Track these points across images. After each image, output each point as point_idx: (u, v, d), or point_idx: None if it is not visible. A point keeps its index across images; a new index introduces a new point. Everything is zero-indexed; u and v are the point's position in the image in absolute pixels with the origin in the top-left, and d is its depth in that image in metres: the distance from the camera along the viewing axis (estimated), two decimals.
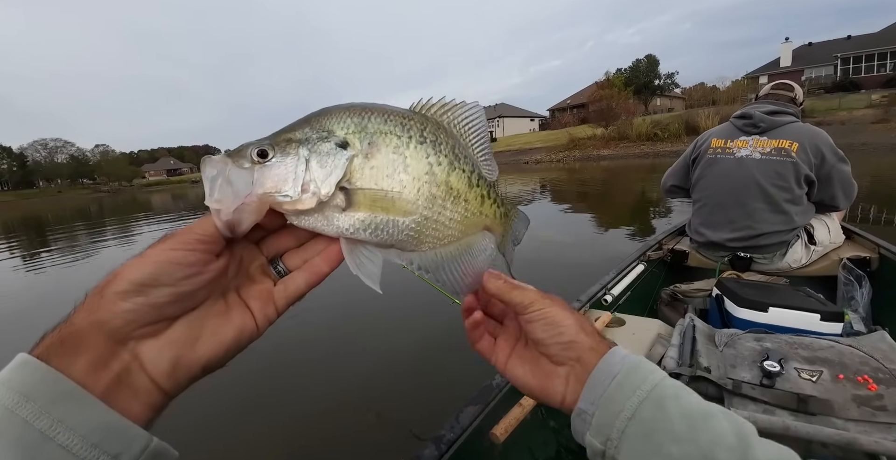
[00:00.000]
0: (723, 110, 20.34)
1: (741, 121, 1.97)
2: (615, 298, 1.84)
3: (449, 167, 0.39)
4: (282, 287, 0.38)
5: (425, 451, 0.96)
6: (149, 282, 0.30)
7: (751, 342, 1.20)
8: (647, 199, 8.73)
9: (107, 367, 0.29)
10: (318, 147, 0.35)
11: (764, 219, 1.87)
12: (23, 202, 50.23)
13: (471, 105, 0.42)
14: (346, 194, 0.36)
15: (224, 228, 0.33)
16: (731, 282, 1.60)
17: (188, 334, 0.32)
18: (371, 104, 0.38)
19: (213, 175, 0.33)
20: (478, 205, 0.41)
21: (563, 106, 50.43)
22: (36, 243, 10.65)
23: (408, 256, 0.39)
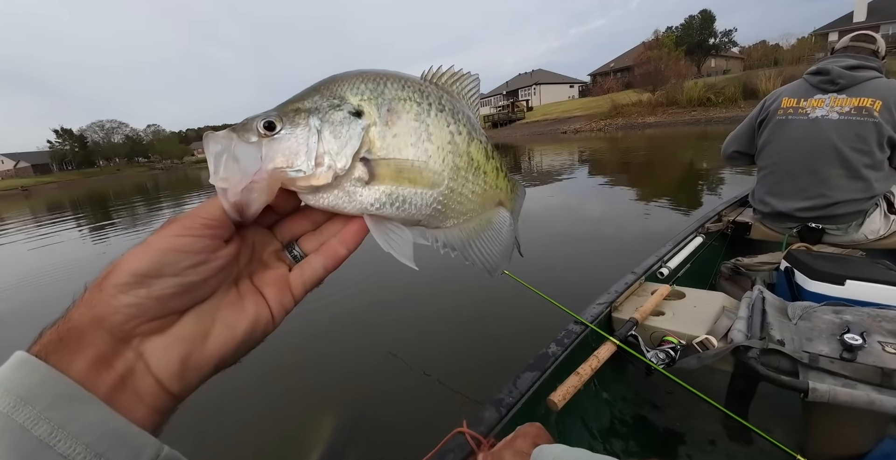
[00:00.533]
0: (786, 71, 18.48)
1: (817, 78, 1.78)
2: (672, 271, 1.78)
3: (468, 137, 0.37)
4: (298, 272, 0.35)
5: (485, 414, 0.99)
6: (151, 273, 0.27)
7: (829, 315, 1.14)
8: (695, 171, 8.23)
9: (109, 367, 0.26)
10: (329, 116, 0.32)
11: (840, 186, 1.72)
12: (87, 180, 54.16)
13: (474, 76, 0.40)
14: (368, 166, 0.33)
15: (232, 210, 0.30)
16: (802, 253, 1.51)
17: (198, 329, 0.29)
18: (383, 70, 0.35)
19: (218, 151, 0.30)
20: (494, 178, 0.40)
21: (606, 70, 47.64)
22: (100, 217, 11.54)
23: (433, 234, 0.37)
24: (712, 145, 12.12)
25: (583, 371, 1.12)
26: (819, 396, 0.94)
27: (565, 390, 1.05)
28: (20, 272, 5.57)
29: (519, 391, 1.06)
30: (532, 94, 52.64)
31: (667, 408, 1.42)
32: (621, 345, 1.23)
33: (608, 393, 1.43)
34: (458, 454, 0.88)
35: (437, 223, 0.37)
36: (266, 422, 1.99)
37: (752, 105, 2.03)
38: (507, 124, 38.14)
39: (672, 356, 1.19)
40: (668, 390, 1.45)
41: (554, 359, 1.18)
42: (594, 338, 1.32)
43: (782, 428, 1.25)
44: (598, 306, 1.44)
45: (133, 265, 0.27)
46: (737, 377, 1.14)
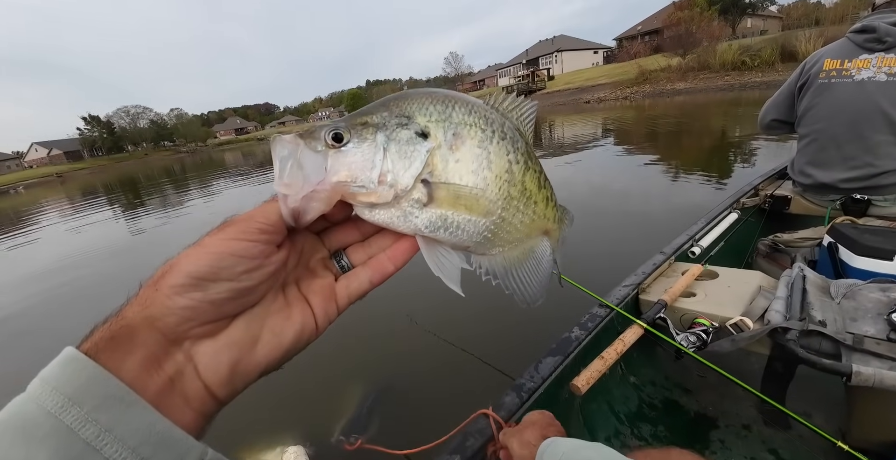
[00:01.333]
0: (828, 31, 17.06)
1: (862, 37, 1.62)
2: (704, 250, 1.71)
3: (525, 166, 0.37)
4: (344, 283, 0.35)
5: (506, 399, 0.98)
6: (208, 276, 0.27)
7: (875, 293, 1.07)
8: (728, 141, 7.81)
9: (160, 369, 0.26)
10: (397, 134, 0.32)
11: (888, 153, 1.60)
12: (117, 165, 55.97)
13: (533, 103, 0.40)
14: (429, 188, 0.33)
15: (289, 216, 0.30)
16: (847, 227, 1.41)
17: (248, 335, 0.30)
18: (453, 92, 0.35)
19: (285, 155, 0.30)
20: (543, 208, 0.40)
21: (633, 33, 45.09)
22: (132, 199, 12.00)
23: (477, 260, 0.37)
24: (747, 112, 11.48)
25: (607, 355, 1.09)
26: (863, 380, 0.90)
27: (589, 375, 1.03)
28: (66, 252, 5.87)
29: (541, 376, 1.05)
30: (553, 61, 50.55)
31: (698, 393, 1.39)
32: (648, 328, 1.19)
33: (636, 377, 1.40)
34: (480, 438, 0.89)
35: (484, 250, 0.37)
36: (296, 390, 2.08)
37: (790, 69, 1.87)
38: (527, 95, 35.54)
39: (704, 339, 1.15)
40: (700, 374, 1.41)
41: (577, 344, 1.16)
42: (620, 322, 1.29)
43: (822, 414, 1.20)
44: (625, 288, 1.40)
45: (190, 267, 0.27)
46: (774, 360, 1.10)
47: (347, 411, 1.85)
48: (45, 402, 0.22)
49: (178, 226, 6.86)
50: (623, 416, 1.29)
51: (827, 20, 22.25)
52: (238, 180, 12.92)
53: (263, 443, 1.75)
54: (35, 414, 0.22)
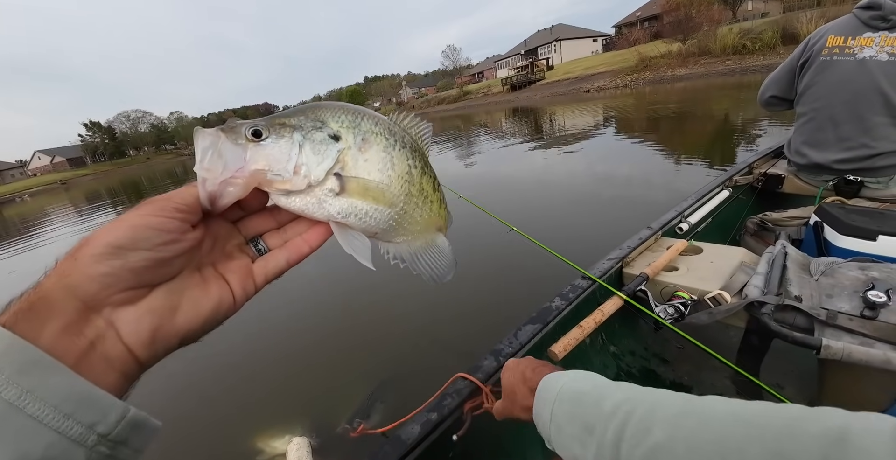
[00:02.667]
0: (829, 12, 16.70)
1: (867, 13, 1.58)
2: (692, 226, 1.72)
3: (422, 171, 0.43)
4: (262, 264, 0.38)
5: (485, 362, 1.02)
6: (126, 245, 0.29)
7: (854, 271, 1.08)
8: (731, 126, 7.73)
9: (80, 334, 0.27)
10: (311, 135, 0.37)
11: (884, 135, 1.57)
12: (120, 170, 56.41)
13: (427, 124, 0.47)
14: (341, 180, 0.38)
15: (206, 198, 0.33)
16: (834, 207, 1.41)
17: (167, 303, 0.31)
18: (360, 107, 0.41)
19: (206, 146, 0.34)
20: (438, 207, 0.46)
21: (632, 20, 44.58)
22: None
23: (385, 246, 0.43)
24: (749, 96, 11.35)
25: (586, 324, 1.12)
26: (832, 354, 0.91)
27: (566, 342, 1.06)
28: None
29: (519, 342, 1.08)
30: (552, 51, 50.09)
31: (676, 363, 1.42)
32: (628, 300, 1.22)
33: (616, 347, 1.44)
34: (457, 398, 0.93)
35: (390, 238, 0.43)
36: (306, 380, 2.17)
37: (791, 51, 1.84)
38: (527, 86, 36.66)
39: (682, 311, 1.18)
40: (679, 346, 1.45)
41: (557, 313, 1.19)
42: (602, 294, 1.32)
43: (794, 386, 1.23)
44: (609, 261, 1.43)
45: (109, 238, 0.29)
46: (750, 333, 1.12)
47: (354, 401, 1.90)
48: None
49: None
50: None
51: (828, 1, 21.80)
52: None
53: (274, 430, 1.82)
54: None
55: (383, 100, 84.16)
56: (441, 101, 48.74)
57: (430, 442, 0.86)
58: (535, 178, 5.71)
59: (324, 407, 1.96)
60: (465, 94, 47.00)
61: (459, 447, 0.91)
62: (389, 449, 0.83)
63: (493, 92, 42.18)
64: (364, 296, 2.97)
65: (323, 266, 3.36)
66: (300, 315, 2.87)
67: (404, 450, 0.82)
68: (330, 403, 1.97)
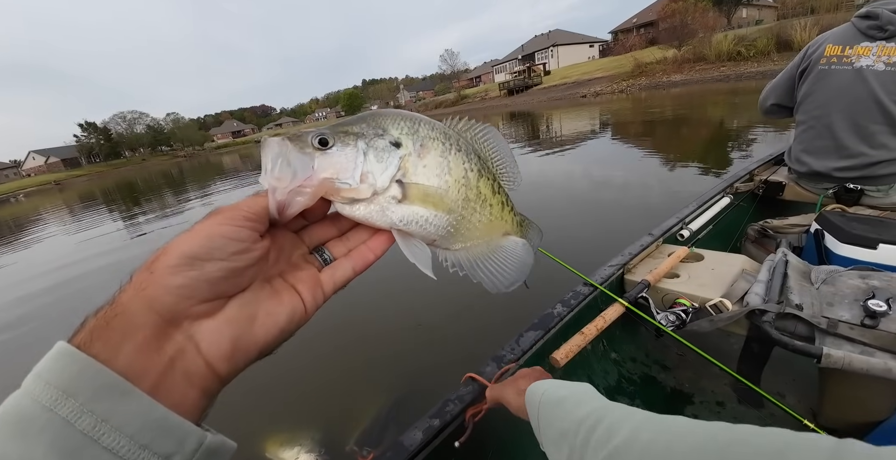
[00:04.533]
0: (823, 20, 16.98)
1: (865, 23, 1.60)
2: (693, 233, 1.73)
3: (479, 174, 0.43)
4: (329, 272, 0.38)
5: (487, 369, 1.02)
6: (202, 255, 0.28)
7: (854, 279, 1.08)
8: (726, 131, 7.80)
9: (159, 351, 0.26)
10: (374, 142, 0.38)
11: (882, 143, 1.59)
12: (115, 171, 55.89)
13: (484, 126, 0.47)
14: (402, 187, 0.38)
15: (275, 208, 0.33)
16: (835, 215, 1.42)
17: (244, 314, 0.31)
18: (416, 114, 0.42)
19: (275, 154, 0.34)
20: (500, 210, 0.46)
21: (629, 26, 44.86)
22: (131, 204, 12.01)
23: (444, 254, 0.43)
24: (743, 102, 11.47)
25: (588, 331, 1.12)
26: (832, 362, 0.92)
27: (568, 348, 1.06)
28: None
29: (521, 348, 1.08)
30: (549, 56, 50.41)
31: (676, 370, 1.42)
32: (629, 307, 1.22)
33: (617, 353, 1.44)
34: (459, 404, 0.93)
35: (448, 244, 0.43)
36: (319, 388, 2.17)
37: (785, 58, 1.88)
38: (524, 91, 36.84)
39: (683, 318, 1.18)
40: (680, 353, 1.45)
41: (559, 319, 1.19)
42: (603, 300, 1.32)
43: (795, 394, 1.23)
44: (610, 268, 1.43)
45: (184, 248, 0.28)
46: (750, 341, 1.12)
47: (365, 417, 1.87)
48: (39, 396, 0.22)
49: (182, 227, 6.87)
50: (602, 389, 1.33)
51: (822, 8, 22.08)
52: (236, 183, 12.93)
53: (282, 437, 1.80)
54: (30, 409, 0.22)
55: (381, 103, 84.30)
56: (438, 105, 48.83)
57: (432, 449, 0.86)
58: (531, 182, 5.73)
59: (333, 416, 1.94)
60: (463, 98, 47.12)
61: (461, 453, 0.91)
62: (392, 456, 0.83)
63: (490, 96, 42.32)
64: (369, 303, 2.96)
65: None
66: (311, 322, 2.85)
67: (406, 457, 0.83)
68: (342, 413, 1.95)
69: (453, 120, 0.45)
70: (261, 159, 0.34)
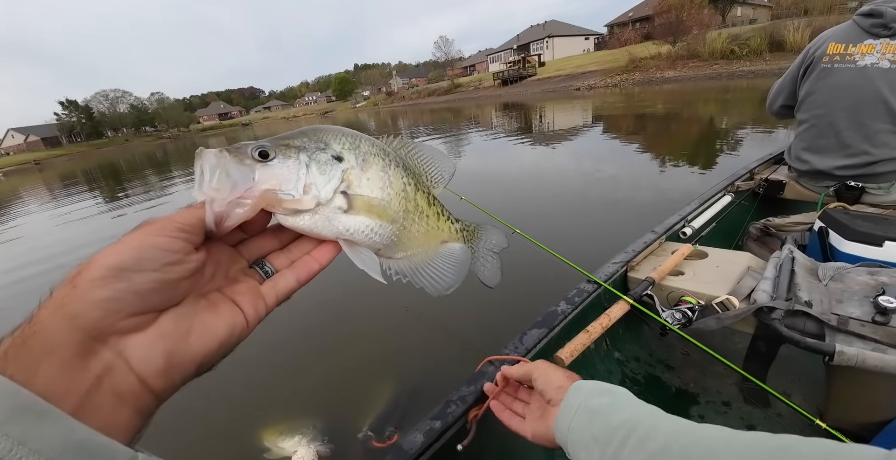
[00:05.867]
0: (815, 21, 17.17)
1: (868, 21, 1.58)
2: (695, 231, 1.71)
3: (415, 188, 0.46)
4: (271, 284, 0.37)
5: (489, 369, 0.99)
6: (131, 267, 0.27)
7: (863, 276, 1.07)
8: (717, 128, 7.85)
9: (84, 369, 0.25)
10: (316, 156, 0.38)
11: (885, 142, 1.58)
12: (97, 151, 54.41)
13: (415, 143, 0.50)
14: (348, 198, 0.39)
15: (212, 220, 0.32)
16: (839, 213, 1.41)
17: (178, 328, 0.29)
18: (355, 131, 0.43)
19: (212, 165, 0.33)
20: (435, 220, 0.48)
21: (624, 20, 44.80)
22: (115, 187, 11.67)
23: (387, 263, 0.44)
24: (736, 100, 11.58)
25: (593, 329, 1.09)
26: (846, 360, 0.90)
27: (573, 347, 1.04)
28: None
29: (525, 347, 1.05)
30: (545, 47, 50.08)
31: (681, 369, 1.41)
32: (634, 304, 1.19)
33: (620, 352, 1.42)
34: (461, 405, 0.90)
35: (391, 253, 0.44)
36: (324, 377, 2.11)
37: (777, 58, 1.86)
38: (518, 81, 36.62)
39: (689, 316, 1.15)
40: (684, 351, 1.44)
41: (563, 317, 1.16)
42: (607, 298, 1.29)
43: (802, 393, 1.22)
44: (614, 265, 1.40)
45: (111, 260, 0.26)
46: (758, 339, 1.10)
47: (363, 404, 1.84)
48: None
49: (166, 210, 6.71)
50: None
51: (815, 9, 22.27)
52: None
53: (281, 427, 1.75)
54: None
55: (373, 89, 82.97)
56: (431, 93, 48.36)
57: (433, 452, 0.83)
58: (529, 177, 5.70)
59: (334, 407, 1.90)
60: (456, 86, 46.64)
61: (464, 457, 0.87)
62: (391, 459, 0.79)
63: (484, 86, 41.94)
64: (370, 298, 2.93)
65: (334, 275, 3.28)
66: (311, 312, 2.77)
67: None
68: (340, 405, 1.91)
69: (388, 138, 0.47)
70: (194, 171, 0.33)
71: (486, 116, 17.65)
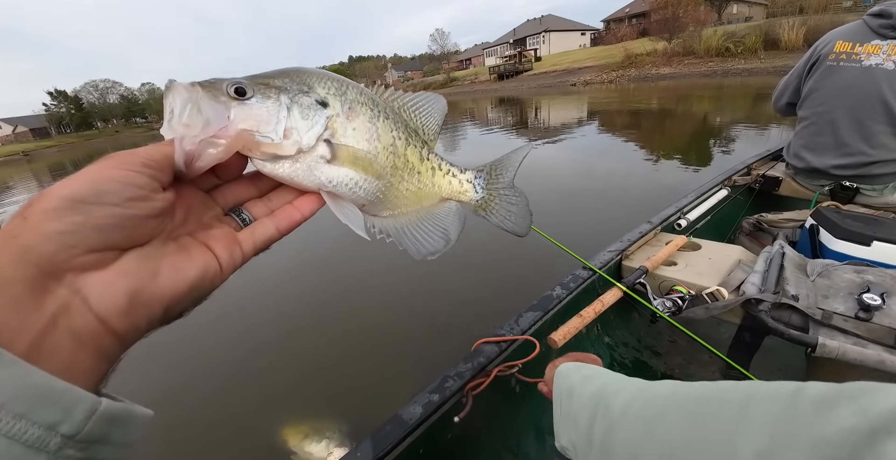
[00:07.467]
0: (810, 20, 17.22)
1: (877, 21, 1.58)
2: (690, 223, 1.75)
3: (406, 142, 0.43)
4: (249, 232, 0.34)
5: (486, 347, 1.03)
6: (89, 199, 0.24)
7: (849, 274, 1.11)
8: (711, 126, 7.90)
9: (37, 308, 0.22)
10: (299, 98, 0.35)
11: (882, 143, 1.60)
12: (87, 143, 53.67)
13: (407, 94, 0.46)
14: (331, 147, 0.36)
15: (181, 158, 0.29)
16: (830, 211, 1.44)
17: (143, 267, 0.26)
18: (340, 76, 0.40)
19: (183, 99, 0.30)
20: (430, 178, 0.45)
21: (621, 16, 44.71)
22: None
23: (370, 220, 0.42)
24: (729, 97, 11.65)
25: (586, 314, 1.14)
26: (827, 352, 0.94)
27: (566, 330, 1.08)
28: None
29: (520, 328, 1.10)
30: (541, 42, 49.88)
31: (668, 356, 1.46)
32: (627, 292, 1.23)
33: (610, 337, 1.47)
34: (459, 380, 0.94)
35: (376, 211, 0.42)
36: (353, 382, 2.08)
37: (772, 57, 1.86)
38: (514, 76, 36.47)
39: (679, 305, 1.20)
40: (672, 339, 1.49)
41: (558, 301, 1.21)
42: (601, 284, 1.34)
43: None
44: (609, 253, 1.44)
45: (66, 190, 0.24)
46: (744, 329, 1.14)
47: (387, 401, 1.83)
48: None
49: None
50: None
51: (810, 8, 22.35)
52: None
53: (306, 427, 1.73)
54: None
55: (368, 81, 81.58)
56: (427, 86, 47.97)
57: (430, 423, 0.87)
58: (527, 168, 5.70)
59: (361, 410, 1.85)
60: (452, 80, 46.41)
61: (459, 428, 0.92)
62: (391, 429, 0.83)
63: (480, 80, 41.78)
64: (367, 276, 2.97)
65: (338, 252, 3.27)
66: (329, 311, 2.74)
67: (406, 431, 0.83)
68: (365, 406, 1.87)
69: (379, 89, 0.44)
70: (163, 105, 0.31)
71: (482, 111, 17.60)
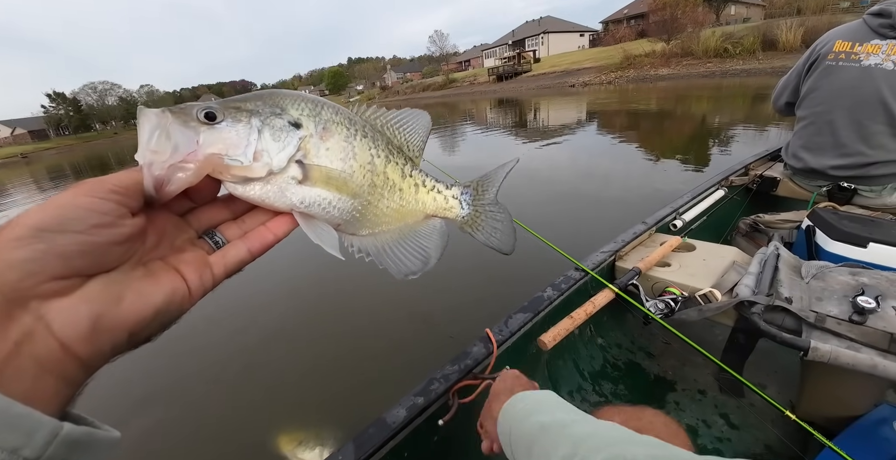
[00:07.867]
0: (808, 21, 17.24)
1: (877, 21, 1.57)
2: (686, 224, 1.74)
3: (386, 159, 0.42)
4: (220, 255, 0.35)
5: (474, 349, 1.01)
6: (53, 227, 0.24)
7: (844, 276, 1.09)
8: (709, 127, 7.90)
9: (3, 334, 0.23)
10: (270, 121, 0.35)
11: (881, 144, 1.58)
12: (85, 145, 53.64)
13: (390, 111, 0.46)
14: (303, 168, 0.36)
15: (151, 184, 0.30)
16: (827, 212, 1.43)
17: (107, 292, 0.27)
18: (319, 98, 0.40)
19: (153, 125, 0.31)
20: (412, 194, 0.45)
21: (619, 17, 44.76)
22: None
23: (349, 239, 0.41)
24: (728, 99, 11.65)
25: (577, 315, 1.12)
26: (819, 356, 0.92)
27: (556, 332, 1.06)
28: None
29: (510, 330, 1.08)
30: (540, 43, 49.97)
31: (661, 357, 1.45)
32: (619, 293, 1.22)
33: (603, 339, 1.46)
34: (444, 383, 0.93)
35: (354, 230, 0.42)
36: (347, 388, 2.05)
37: (770, 57, 1.85)
38: (513, 77, 36.50)
39: (672, 307, 1.18)
40: (665, 340, 1.48)
41: (549, 303, 1.19)
42: (594, 286, 1.32)
43: (776, 386, 1.26)
44: (602, 254, 1.43)
45: (31, 220, 0.24)
46: (737, 332, 1.13)
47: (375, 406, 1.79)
48: None
49: None
50: (587, 374, 1.35)
51: (808, 9, 22.38)
52: None
53: (300, 434, 1.72)
54: None
55: (367, 83, 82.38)
56: (426, 88, 48.07)
57: (415, 426, 0.86)
58: (523, 168, 5.70)
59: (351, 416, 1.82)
60: (451, 81, 46.40)
61: (443, 432, 0.91)
62: (374, 432, 0.82)
63: (479, 81, 41.79)
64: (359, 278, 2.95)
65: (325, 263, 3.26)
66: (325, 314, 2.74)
67: (389, 434, 0.81)
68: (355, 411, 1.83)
69: (360, 107, 0.44)
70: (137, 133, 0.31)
71: (481, 112, 17.61)
